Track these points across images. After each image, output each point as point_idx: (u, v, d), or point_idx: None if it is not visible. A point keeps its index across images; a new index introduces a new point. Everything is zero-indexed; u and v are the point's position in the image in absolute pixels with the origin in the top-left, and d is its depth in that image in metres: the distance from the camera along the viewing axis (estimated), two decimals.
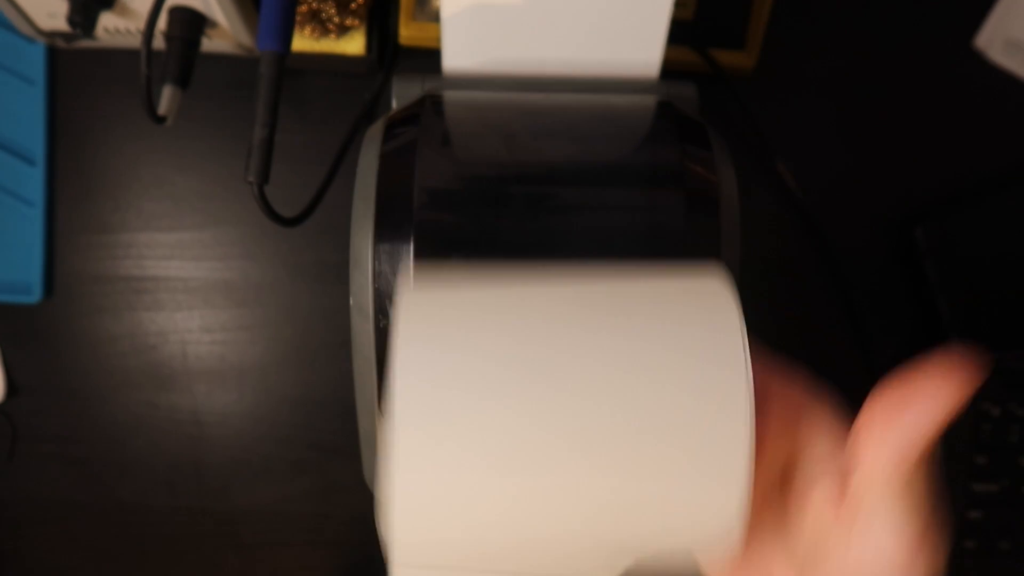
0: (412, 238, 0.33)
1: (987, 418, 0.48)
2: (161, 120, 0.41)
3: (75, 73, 0.50)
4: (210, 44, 0.46)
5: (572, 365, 0.23)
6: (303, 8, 0.46)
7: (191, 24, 0.43)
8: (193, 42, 0.43)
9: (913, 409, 0.25)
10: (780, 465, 0.28)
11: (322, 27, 0.47)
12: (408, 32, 0.48)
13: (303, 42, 0.47)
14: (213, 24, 0.44)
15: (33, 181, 0.50)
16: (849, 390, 0.49)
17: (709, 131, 0.37)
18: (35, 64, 0.50)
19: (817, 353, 0.51)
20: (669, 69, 0.40)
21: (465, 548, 0.24)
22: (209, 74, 0.47)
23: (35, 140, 0.50)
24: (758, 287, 0.41)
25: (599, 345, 0.24)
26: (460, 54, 0.40)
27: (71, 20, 0.41)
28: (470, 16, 0.38)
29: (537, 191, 0.34)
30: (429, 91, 0.39)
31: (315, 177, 0.43)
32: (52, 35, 0.47)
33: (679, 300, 0.26)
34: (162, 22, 0.43)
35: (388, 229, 0.34)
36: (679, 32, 0.42)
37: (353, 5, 0.47)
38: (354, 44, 0.47)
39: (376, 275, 0.34)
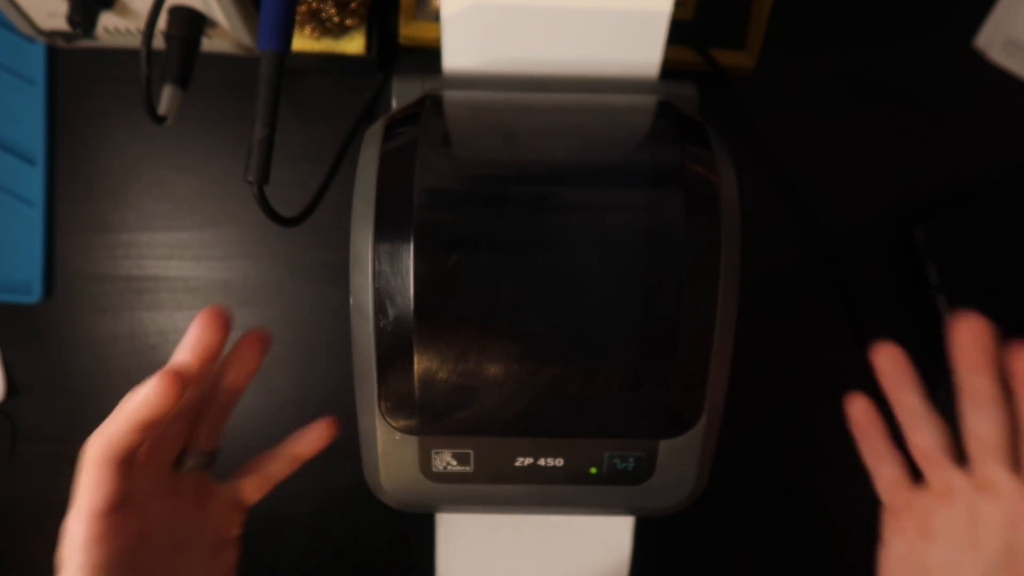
0: (412, 238, 0.33)
1: None
2: (161, 120, 0.41)
3: (75, 73, 0.50)
4: (210, 44, 0.46)
5: None
6: (303, 8, 0.46)
7: (191, 24, 0.43)
8: (193, 42, 0.43)
9: None
10: None
11: (322, 27, 0.47)
12: (408, 32, 0.48)
13: (303, 42, 0.47)
14: (213, 24, 0.44)
15: (33, 181, 0.50)
16: (849, 390, 0.49)
17: (709, 131, 0.37)
18: (35, 64, 0.50)
19: (817, 353, 0.51)
20: (669, 69, 0.40)
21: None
22: (209, 74, 0.47)
23: (35, 140, 0.50)
24: (758, 287, 0.41)
25: None
26: (460, 54, 0.40)
27: (71, 20, 0.41)
28: (470, 16, 0.38)
29: (537, 191, 0.34)
30: (429, 91, 0.39)
31: (315, 177, 0.43)
32: (52, 35, 0.47)
33: None
34: (162, 22, 0.43)
35: (388, 229, 0.34)
36: (679, 32, 0.42)
37: (353, 5, 0.47)
38: (354, 44, 0.47)
39: (376, 275, 0.34)
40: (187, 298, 0.51)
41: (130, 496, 0.35)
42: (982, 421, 0.37)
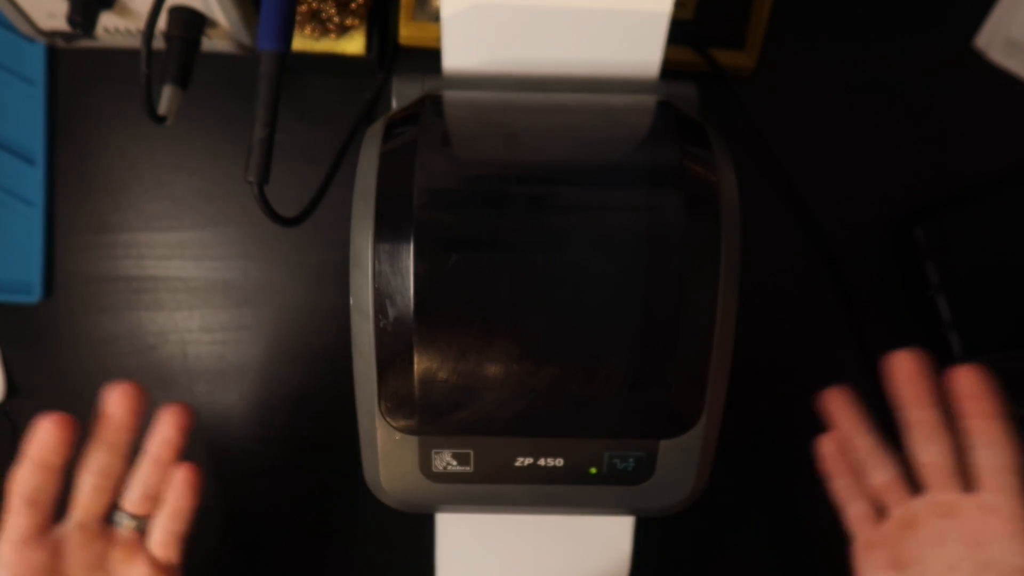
0: (412, 238, 0.33)
1: None
2: (161, 120, 0.41)
3: (75, 73, 0.50)
4: (210, 44, 0.46)
5: None
6: (303, 8, 0.46)
7: (191, 24, 0.43)
8: (193, 42, 0.43)
9: None
10: None
11: (322, 27, 0.47)
12: (408, 32, 0.48)
13: (303, 42, 0.47)
14: (213, 24, 0.44)
15: (33, 181, 0.50)
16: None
17: (709, 131, 0.37)
18: (35, 64, 0.50)
19: (817, 353, 0.51)
20: (669, 69, 0.40)
21: None
22: (209, 74, 0.47)
23: (35, 140, 0.50)
24: (758, 287, 0.41)
25: None
26: (460, 54, 0.40)
27: (71, 20, 0.41)
28: (470, 16, 0.38)
29: (537, 191, 0.34)
30: (429, 91, 0.39)
31: (315, 177, 0.43)
32: (52, 35, 0.47)
33: None
34: (162, 22, 0.43)
35: (388, 229, 0.34)
36: (679, 32, 0.42)
37: (353, 5, 0.47)
38: (354, 44, 0.47)
39: (376, 275, 0.34)
40: (187, 298, 0.51)
41: (44, 532, 0.38)
42: (929, 450, 0.39)
